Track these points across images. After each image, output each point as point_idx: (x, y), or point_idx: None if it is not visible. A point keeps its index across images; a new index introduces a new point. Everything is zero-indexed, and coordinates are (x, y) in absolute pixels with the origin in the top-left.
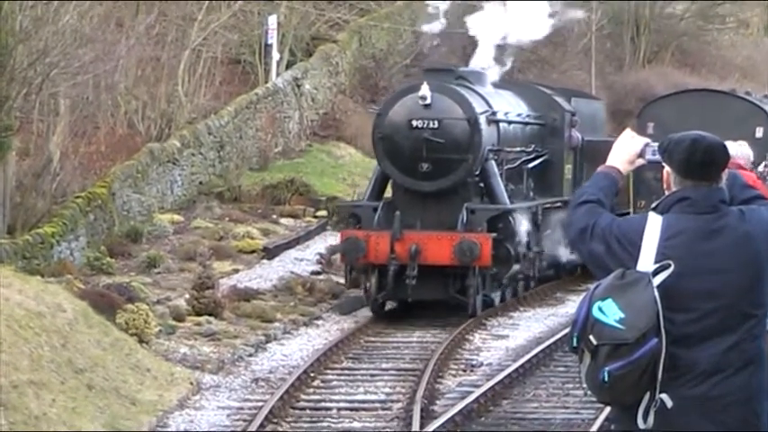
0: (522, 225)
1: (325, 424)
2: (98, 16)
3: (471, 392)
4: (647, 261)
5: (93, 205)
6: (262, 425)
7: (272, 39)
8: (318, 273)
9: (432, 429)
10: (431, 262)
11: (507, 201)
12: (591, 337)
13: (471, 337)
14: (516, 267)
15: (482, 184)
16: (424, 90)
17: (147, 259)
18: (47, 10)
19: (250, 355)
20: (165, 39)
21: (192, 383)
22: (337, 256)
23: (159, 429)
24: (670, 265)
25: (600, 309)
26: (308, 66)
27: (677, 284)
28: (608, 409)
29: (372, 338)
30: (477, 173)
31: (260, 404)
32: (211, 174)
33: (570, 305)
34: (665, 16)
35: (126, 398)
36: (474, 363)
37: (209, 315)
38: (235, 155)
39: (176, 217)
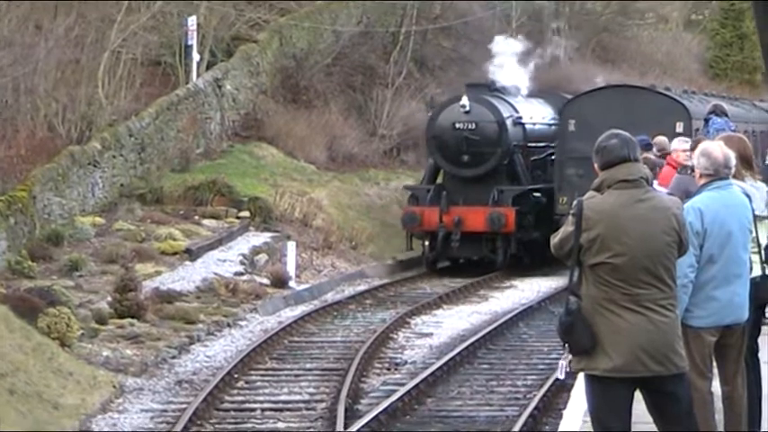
0: (540, 202)
1: (249, 425)
2: (16, 19)
3: (395, 391)
4: None
5: (14, 209)
6: (186, 427)
7: (192, 40)
8: (241, 273)
9: (356, 429)
10: (470, 229)
11: (528, 183)
12: None
13: (395, 336)
14: (536, 234)
15: (510, 171)
16: (464, 100)
17: (69, 262)
18: None
19: (173, 357)
20: (84, 41)
21: (114, 386)
22: (260, 257)
23: None
24: None
25: None
26: (228, 66)
27: None
28: (531, 406)
29: (296, 338)
30: (506, 162)
31: (184, 406)
32: (133, 176)
33: (493, 302)
34: (586, 12)
35: (48, 402)
36: (398, 361)
37: (132, 317)
38: (156, 156)
39: (98, 219)
